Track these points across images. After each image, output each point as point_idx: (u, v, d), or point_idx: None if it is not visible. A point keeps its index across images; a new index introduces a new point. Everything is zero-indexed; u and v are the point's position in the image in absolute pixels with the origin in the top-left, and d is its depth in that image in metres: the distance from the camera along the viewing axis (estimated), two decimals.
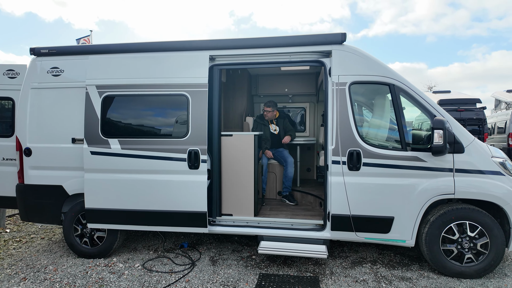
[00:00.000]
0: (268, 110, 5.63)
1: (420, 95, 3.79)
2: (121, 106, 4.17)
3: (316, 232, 3.98)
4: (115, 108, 4.18)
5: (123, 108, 4.17)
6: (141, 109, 4.16)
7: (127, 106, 4.16)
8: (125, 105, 4.16)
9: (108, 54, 4.24)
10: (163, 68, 4.09)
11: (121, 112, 4.18)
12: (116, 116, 4.18)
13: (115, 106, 4.17)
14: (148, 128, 4.13)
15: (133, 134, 4.11)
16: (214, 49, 4.10)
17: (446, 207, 3.74)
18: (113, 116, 4.18)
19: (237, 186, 4.38)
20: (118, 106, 4.18)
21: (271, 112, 5.65)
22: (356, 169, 3.77)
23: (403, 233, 3.76)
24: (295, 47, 4.00)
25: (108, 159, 4.11)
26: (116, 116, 4.18)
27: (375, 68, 3.83)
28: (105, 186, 4.13)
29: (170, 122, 4.12)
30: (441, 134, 3.46)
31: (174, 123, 4.10)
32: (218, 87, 4.18)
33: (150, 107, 4.14)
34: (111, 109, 4.17)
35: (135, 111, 4.16)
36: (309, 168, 6.76)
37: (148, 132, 4.11)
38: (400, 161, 3.71)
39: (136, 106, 4.15)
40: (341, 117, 3.82)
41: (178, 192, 4.02)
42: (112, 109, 4.17)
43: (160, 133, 4.09)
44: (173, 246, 4.82)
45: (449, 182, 3.65)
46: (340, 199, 3.81)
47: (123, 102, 4.16)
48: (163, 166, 4.03)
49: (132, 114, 4.16)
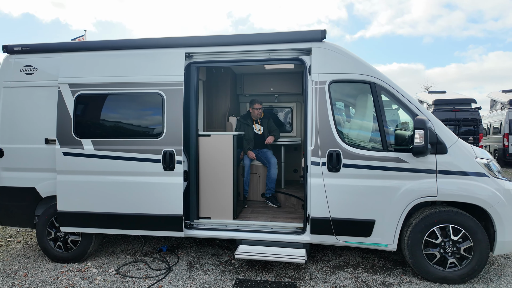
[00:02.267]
0: (258, 108, 5.48)
1: (402, 94, 3.66)
2: (95, 106, 4.04)
3: (296, 236, 3.85)
4: (88, 108, 4.04)
5: (96, 108, 4.04)
6: (115, 109, 4.02)
7: (101, 105, 4.03)
8: (99, 104, 4.03)
9: (81, 52, 4.11)
10: (137, 66, 3.95)
11: (94, 112, 4.05)
12: (89, 115, 4.05)
13: (88, 106, 4.04)
14: (122, 128, 3.99)
15: (107, 134, 3.98)
16: (191, 46, 3.97)
17: (428, 209, 3.61)
18: (86, 116, 4.04)
19: (216, 188, 4.24)
20: (91, 105, 4.04)
21: (261, 110, 5.54)
22: (336, 170, 3.64)
23: (384, 237, 3.63)
24: (274, 44, 3.87)
25: (81, 160, 3.97)
26: (89, 116, 4.05)
27: (356, 66, 3.70)
28: (78, 188, 3.99)
29: (144, 122, 3.98)
30: (422, 134, 3.33)
31: (148, 123, 3.96)
32: (196, 85, 4.05)
33: (124, 106, 4.01)
34: (84, 109, 4.03)
35: (108, 110, 4.03)
36: (295, 169, 6.62)
37: (122, 133, 3.97)
38: (381, 162, 3.59)
39: (110, 105, 4.02)
40: (321, 117, 3.69)
41: (153, 195, 3.89)
42: (85, 108, 4.04)
43: (134, 134, 3.95)
44: (152, 250, 4.68)
45: (431, 184, 3.52)
46: (320, 202, 3.68)
47: (96, 101, 4.03)
48: (137, 168, 3.89)
49: (106, 113, 4.04)
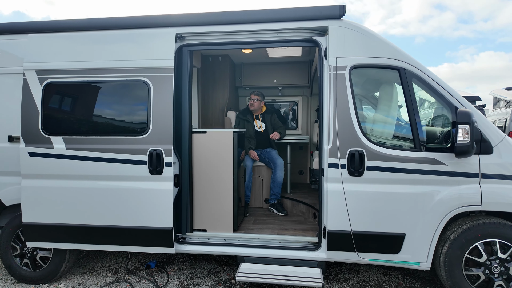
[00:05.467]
0: (254, 99, 4.82)
1: (439, 82, 3.05)
2: (67, 96, 3.37)
3: (309, 252, 3.22)
4: (59, 98, 3.37)
5: (69, 99, 3.37)
6: (91, 100, 3.35)
7: (74, 96, 3.36)
8: (72, 95, 3.36)
9: (51, 32, 3.43)
10: (118, 49, 3.29)
11: (66, 104, 3.38)
12: (60, 108, 3.37)
13: (59, 96, 3.37)
14: (99, 124, 3.32)
15: (81, 131, 3.31)
16: (183, 25, 3.31)
17: (469, 221, 3.01)
18: (57, 108, 3.37)
19: (213, 195, 3.59)
20: (64, 95, 3.37)
21: (258, 102, 4.84)
22: (358, 174, 3.02)
23: (416, 254, 3.02)
24: (282, 23, 3.23)
25: (50, 162, 3.30)
26: (61, 109, 3.38)
27: (382, 49, 3.08)
28: (46, 195, 3.32)
29: (126, 116, 3.31)
30: (467, 130, 2.72)
31: (131, 117, 3.30)
32: (189, 72, 3.40)
33: (103, 97, 3.34)
34: (54, 100, 3.36)
35: (84, 102, 3.36)
36: (301, 171, 5.99)
37: (100, 129, 3.30)
38: (413, 164, 2.97)
39: (85, 96, 3.35)
40: (340, 110, 3.06)
41: (137, 204, 3.23)
42: (56, 99, 3.36)
43: (115, 130, 3.28)
44: (139, 266, 4.02)
45: (474, 190, 2.92)
46: (339, 212, 3.06)
47: (69, 91, 3.36)
48: (118, 171, 3.23)
49: (80, 105, 3.37)
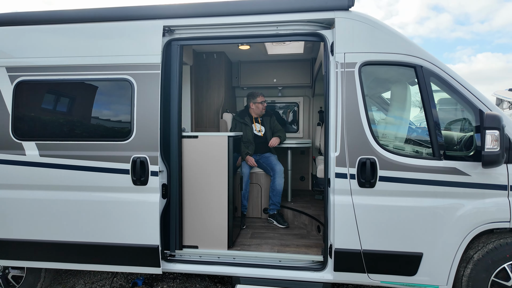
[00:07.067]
0: (262, 101, 4.46)
1: (459, 81, 2.69)
2: (41, 96, 3.00)
3: (314, 273, 2.86)
4: (32, 99, 3.00)
5: (43, 99, 3.00)
6: (68, 101, 2.99)
7: (49, 96, 2.99)
8: (47, 95, 2.99)
9: (23, 25, 3.06)
10: (98, 44, 2.92)
11: (40, 105, 3.00)
12: (33, 110, 3.00)
13: (32, 96, 3.00)
14: (77, 128, 2.95)
15: (57, 135, 2.94)
16: (171, 17, 2.94)
17: (495, 239, 2.65)
18: (30, 110, 3.00)
19: (205, 207, 3.22)
20: (37, 96, 3.00)
21: (265, 104, 4.54)
22: (369, 185, 2.66)
23: (435, 276, 2.66)
24: (283, 14, 2.87)
25: (21, 171, 2.93)
26: (34, 110, 3.00)
27: (395, 44, 2.72)
28: (18, 208, 2.95)
29: (107, 118, 2.95)
30: (496, 137, 2.37)
31: (112, 121, 2.93)
32: (179, 70, 3.03)
33: (81, 97, 2.98)
34: (27, 100, 2.99)
35: (59, 103, 3.00)
36: (302, 177, 5.62)
37: (78, 133, 2.93)
38: (431, 175, 2.62)
39: (62, 96, 2.99)
40: (349, 112, 2.70)
41: (119, 218, 2.86)
42: (28, 100, 3.00)
43: (94, 134, 2.91)
44: (124, 283, 3.65)
45: (502, 205, 2.56)
46: (347, 228, 2.70)
47: (43, 90, 2.99)
48: (98, 181, 2.86)
49: (56, 107, 3.01)
